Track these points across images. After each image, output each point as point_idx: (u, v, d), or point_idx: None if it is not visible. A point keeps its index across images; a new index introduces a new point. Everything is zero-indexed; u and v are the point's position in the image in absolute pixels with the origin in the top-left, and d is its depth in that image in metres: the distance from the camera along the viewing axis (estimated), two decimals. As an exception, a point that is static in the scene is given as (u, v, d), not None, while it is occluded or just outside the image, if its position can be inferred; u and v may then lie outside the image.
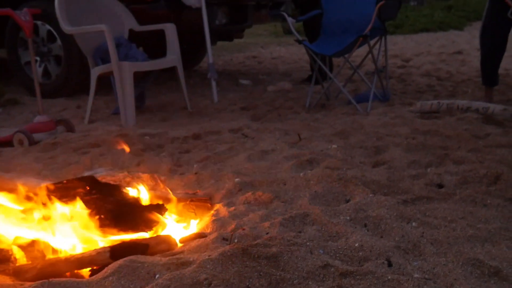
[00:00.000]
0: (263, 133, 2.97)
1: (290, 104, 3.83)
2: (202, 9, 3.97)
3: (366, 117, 3.27)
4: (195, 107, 3.86)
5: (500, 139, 2.62)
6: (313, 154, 2.44)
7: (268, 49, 8.11)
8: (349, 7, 3.80)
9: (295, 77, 5.19)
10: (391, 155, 2.44)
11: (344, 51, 3.59)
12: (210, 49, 4.08)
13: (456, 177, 2.11)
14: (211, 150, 2.67)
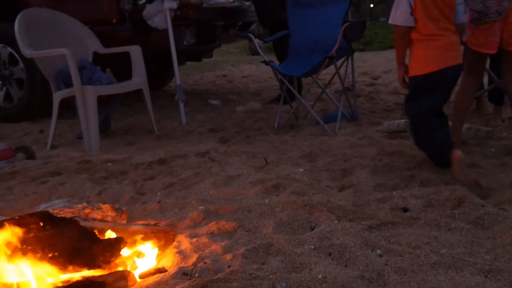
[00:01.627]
0: (230, 156, 2.93)
1: (259, 125, 3.81)
2: (169, 30, 3.93)
3: (334, 137, 3.27)
4: (162, 130, 3.80)
5: (465, 159, 2.63)
6: (280, 178, 2.41)
7: (239, 68, 8.12)
8: (315, 28, 3.81)
9: (265, 96, 5.19)
10: (358, 178, 2.43)
11: (311, 72, 3.60)
12: (177, 71, 4.04)
13: (421, 200, 2.10)
14: (176, 176, 2.62)
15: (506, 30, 2.55)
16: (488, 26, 2.54)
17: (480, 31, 2.58)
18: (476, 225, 1.89)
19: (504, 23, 2.54)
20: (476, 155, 2.72)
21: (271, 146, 3.12)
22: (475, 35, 2.61)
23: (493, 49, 2.60)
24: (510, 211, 1.96)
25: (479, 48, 2.63)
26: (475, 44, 2.63)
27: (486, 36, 2.57)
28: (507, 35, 2.56)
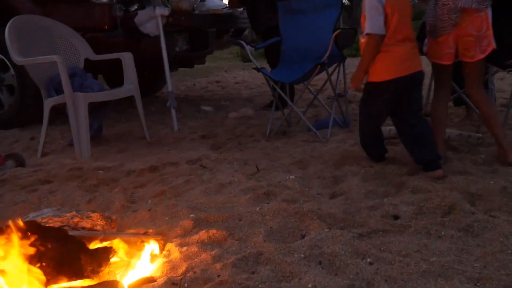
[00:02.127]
0: (222, 163, 2.93)
1: (251, 131, 3.81)
2: (160, 37, 3.92)
3: (325, 144, 3.27)
4: (154, 136, 3.79)
5: (455, 166, 2.65)
6: (271, 186, 2.41)
7: (232, 73, 8.12)
8: (307, 34, 3.82)
9: (257, 102, 5.19)
10: (349, 185, 2.44)
11: (303, 78, 3.61)
12: (169, 77, 4.03)
13: (412, 208, 2.11)
14: (167, 183, 2.61)
15: (460, 42, 2.61)
16: (444, 39, 2.61)
17: (436, 44, 2.65)
18: (466, 232, 1.89)
19: (458, 35, 2.59)
20: (467, 161, 2.74)
21: (263, 153, 3.12)
22: (433, 47, 2.68)
23: (449, 61, 2.66)
24: (499, 218, 1.97)
25: (437, 59, 2.69)
26: (433, 56, 2.71)
27: (442, 48, 2.64)
28: (462, 46, 2.62)
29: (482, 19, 2.56)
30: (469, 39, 2.58)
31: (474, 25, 2.55)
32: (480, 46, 2.60)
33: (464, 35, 2.58)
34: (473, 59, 2.63)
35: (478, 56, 2.62)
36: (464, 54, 2.64)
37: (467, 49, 2.61)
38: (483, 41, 2.59)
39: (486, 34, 2.58)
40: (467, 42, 2.60)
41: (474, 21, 2.54)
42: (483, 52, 2.61)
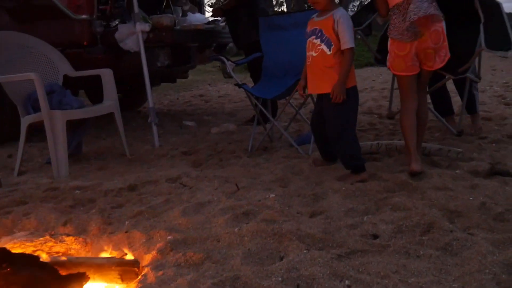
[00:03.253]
0: (202, 181, 2.90)
1: (233, 147, 3.79)
2: (141, 53, 3.90)
3: (307, 160, 3.26)
4: (134, 153, 3.75)
5: (435, 181, 2.65)
6: (250, 205, 2.39)
7: (216, 87, 8.11)
8: (288, 50, 3.82)
9: (240, 116, 5.18)
10: (329, 203, 2.42)
11: (284, 94, 3.60)
12: (150, 93, 4.00)
13: (391, 226, 2.10)
14: (145, 203, 2.57)
15: (421, 53, 2.77)
16: (406, 53, 2.75)
17: (400, 57, 2.79)
18: (445, 251, 1.88)
19: (419, 48, 2.75)
20: (446, 177, 2.73)
21: (244, 170, 3.09)
22: (396, 61, 2.81)
23: (414, 71, 2.82)
24: (478, 236, 1.96)
25: (402, 72, 2.83)
26: (397, 69, 2.84)
27: (406, 61, 2.78)
28: (423, 57, 2.78)
29: (439, 32, 2.74)
30: (429, 51, 2.76)
31: (432, 38, 2.73)
32: (439, 56, 2.79)
33: (425, 48, 2.75)
34: (432, 68, 2.84)
35: (437, 65, 2.82)
36: (425, 64, 2.83)
37: (427, 58, 2.79)
38: (441, 52, 2.78)
39: (443, 45, 2.78)
40: (427, 54, 2.77)
41: (432, 34, 2.72)
42: (442, 62, 2.81)
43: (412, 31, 2.70)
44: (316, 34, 2.82)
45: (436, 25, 2.73)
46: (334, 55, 2.75)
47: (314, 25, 2.87)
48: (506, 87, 6.87)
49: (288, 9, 25.14)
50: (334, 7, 2.82)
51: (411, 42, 2.74)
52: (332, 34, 2.74)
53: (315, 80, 2.90)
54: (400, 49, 2.77)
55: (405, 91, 2.90)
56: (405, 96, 2.90)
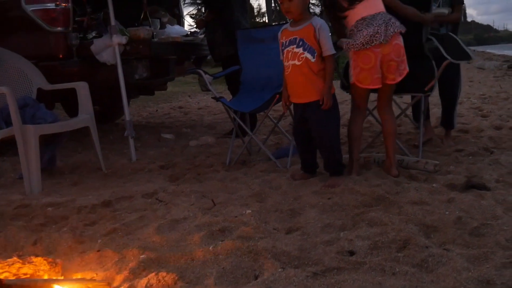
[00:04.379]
0: (179, 196, 2.85)
1: (211, 161, 3.75)
2: (117, 65, 3.85)
3: (285, 174, 3.24)
4: (111, 168, 3.68)
5: (412, 195, 2.65)
6: (226, 221, 2.35)
7: (196, 98, 8.08)
8: (266, 63, 3.81)
9: (219, 129, 5.15)
10: (306, 219, 2.40)
11: (262, 107, 3.59)
12: (126, 106, 3.95)
13: (368, 242, 2.08)
14: (119, 220, 2.51)
15: (384, 66, 2.89)
16: (372, 65, 2.86)
17: (364, 71, 2.89)
18: (420, 268, 1.87)
19: (383, 61, 2.87)
20: (423, 191, 2.74)
21: (221, 185, 3.06)
22: (362, 74, 2.91)
23: (378, 84, 2.94)
24: (453, 252, 1.96)
25: (368, 85, 2.94)
26: (363, 82, 2.94)
27: (372, 74, 2.89)
28: (386, 69, 2.90)
29: (400, 46, 2.89)
30: (392, 63, 2.88)
31: (395, 51, 2.86)
32: (399, 70, 2.91)
33: (388, 60, 2.87)
34: (394, 81, 2.94)
35: (397, 78, 2.93)
36: (387, 77, 2.93)
37: (389, 71, 2.90)
38: (401, 65, 2.92)
39: (404, 59, 2.92)
40: (390, 66, 2.89)
41: (395, 47, 2.86)
42: (401, 75, 2.93)
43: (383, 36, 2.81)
44: (297, 43, 2.88)
45: (398, 39, 2.88)
46: (318, 62, 2.85)
47: (292, 35, 2.92)
48: (483, 99, 6.99)
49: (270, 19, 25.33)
50: (308, 16, 2.92)
51: (375, 54, 2.84)
52: (314, 42, 2.83)
53: (300, 89, 2.95)
54: (366, 62, 2.87)
55: (359, 102, 3.08)
56: (358, 107, 3.09)
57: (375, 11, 2.90)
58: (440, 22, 3.88)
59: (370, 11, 2.90)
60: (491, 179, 2.96)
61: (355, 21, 2.90)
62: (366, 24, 2.86)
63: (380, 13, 2.89)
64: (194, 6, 22.99)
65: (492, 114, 5.47)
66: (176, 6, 5.59)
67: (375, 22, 2.84)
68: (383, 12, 2.91)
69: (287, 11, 2.89)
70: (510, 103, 6.32)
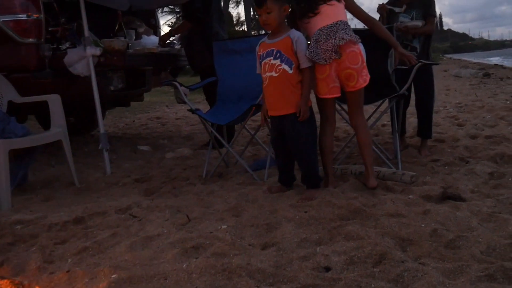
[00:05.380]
0: (153, 212, 2.80)
1: (187, 174, 3.70)
2: (92, 78, 3.78)
3: (262, 187, 3.20)
4: (84, 182, 3.60)
5: (389, 208, 2.64)
6: (201, 238, 2.31)
7: (173, 108, 8.01)
8: (243, 74, 3.80)
9: (197, 140, 5.10)
10: (282, 233, 2.37)
11: (239, 119, 3.56)
12: (101, 119, 3.87)
13: (344, 257, 2.06)
14: (91, 238, 2.44)
15: (341, 75, 2.91)
16: (327, 75, 2.89)
17: (320, 81, 2.93)
18: (396, 283, 1.86)
19: (338, 69, 2.89)
20: (399, 202, 2.73)
21: (197, 199, 3.01)
22: (319, 84, 2.94)
23: (337, 93, 2.97)
24: (429, 266, 1.95)
25: (325, 94, 2.97)
26: (321, 93, 2.97)
27: (328, 83, 2.92)
28: (344, 78, 2.92)
29: (356, 53, 2.88)
30: (348, 71, 2.90)
31: (350, 59, 2.87)
32: (361, 76, 2.92)
33: (343, 69, 2.89)
34: (355, 88, 2.94)
35: (360, 84, 2.94)
36: (348, 85, 2.95)
37: (349, 79, 2.92)
38: (363, 72, 2.92)
39: (363, 66, 2.92)
40: (348, 74, 2.91)
41: (349, 55, 2.86)
42: (365, 81, 2.94)
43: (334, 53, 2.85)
44: (274, 55, 2.88)
45: (353, 47, 2.88)
46: (295, 74, 2.86)
47: (269, 47, 2.92)
48: (459, 108, 7.08)
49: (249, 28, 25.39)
50: (286, 29, 2.92)
51: (330, 64, 2.87)
52: (291, 54, 2.84)
53: (277, 101, 2.94)
54: (321, 72, 2.91)
55: (325, 114, 3.08)
56: (325, 118, 3.09)
57: (334, 20, 2.89)
58: (414, 34, 3.94)
59: (329, 20, 2.90)
60: (466, 189, 2.98)
61: (316, 30, 2.91)
62: (326, 35, 2.86)
63: (339, 22, 2.89)
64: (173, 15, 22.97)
65: (468, 123, 5.54)
66: (153, 17, 5.54)
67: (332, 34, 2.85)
68: (342, 21, 2.91)
69: (265, 23, 2.88)
70: (485, 112, 6.41)
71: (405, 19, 3.98)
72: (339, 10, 2.96)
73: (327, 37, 2.84)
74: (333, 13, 2.93)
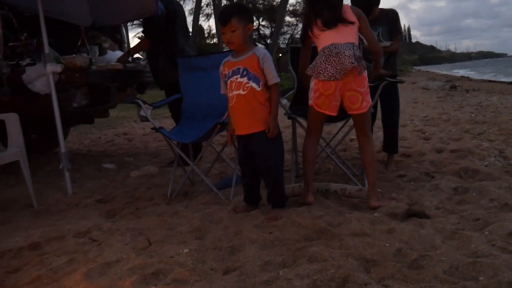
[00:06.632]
0: (113, 235, 2.70)
1: (152, 193, 3.61)
2: (52, 95, 3.67)
3: (227, 206, 3.15)
4: (44, 203, 3.47)
5: (354, 227, 2.62)
6: (161, 263, 2.23)
7: (141, 124, 7.89)
8: (208, 91, 3.74)
9: (163, 157, 5.01)
10: (245, 256, 2.31)
11: (203, 137, 3.50)
12: (62, 138, 3.75)
13: (307, 281, 2.01)
14: (46, 265, 2.34)
15: (345, 96, 2.94)
16: (331, 92, 2.91)
17: (324, 96, 2.94)
18: (358, 308, 1.82)
19: (343, 90, 2.91)
20: (365, 221, 2.71)
21: (160, 220, 2.93)
22: (321, 99, 2.96)
23: (334, 112, 2.99)
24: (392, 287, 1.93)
25: (324, 110, 2.99)
26: (320, 107, 2.98)
27: (330, 100, 2.94)
28: (347, 100, 2.95)
29: (363, 77, 2.93)
30: (353, 93, 2.92)
31: (357, 82, 2.90)
32: (365, 100, 2.96)
33: (349, 89, 2.91)
34: (358, 111, 2.97)
35: (363, 108, 2.97)
36: (350, 107, 2.97)
37: (352, 102, 2.95)
38: (367, 96, 2.97)
39: (367, 91, 2.97)
40: (352, 96, 2.93)
41: (357, 78, 2.90)
42: (366, 106, 2.97)
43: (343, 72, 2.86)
44: (241, 73, 2.85)
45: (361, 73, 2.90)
46: (263, 91, 2.84)
47: (235, 65, 2.88)
48: (425, 121, 7.18)
49: (220, 40, 25.44)
50: (250, 47, 2.91)
51: (336, 83, 2.88)
52: (258, 71, 2.82)
53: (244, 119, 2.90)
54: (326, 88, 2.92)
55: (314, 125, 3.10)
56: (313, 129, 3.11)
57: (347, 41, 2.90)
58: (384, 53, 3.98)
59: (340, 39, 2.90)
60: (431, 205, 2.99)
61: (325, 45, 2.92)
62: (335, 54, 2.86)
63: (348, 43, 2.89)
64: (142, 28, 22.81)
65: (434, 136, 5.61)
66: (118, 32, 5.46)
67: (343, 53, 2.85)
68: (354, 44, 2.91)
69: (229, 41, 2.85)
70: (451, 125, 6.52)
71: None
72: (353, 31, 2.97)
73: (337, 55, 2.85)
74: (347, 33, 2.94)
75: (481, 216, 2.68)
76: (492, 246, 2.27)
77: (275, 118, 2.86)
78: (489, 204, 2.94)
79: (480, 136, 5.43)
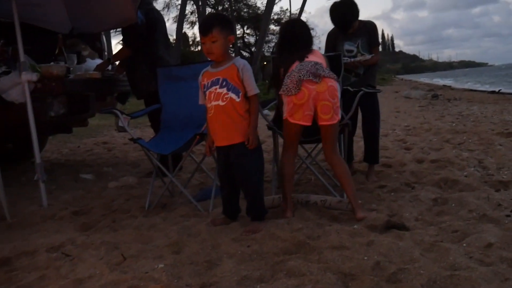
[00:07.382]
0: (88, 249, 2.63)
1: (130, 205, 3.54)
2: (27, 105, 3.59)
3: (206, 219, 3.09)
4: (17, 215, 3.38)
5: (333, 240, 2.59)
6: (135, 279, 2.17)
7: (122, 132, 7.78)
8: (188, 102, 3.70)
9: (143, 167, 4.94)
10: (222, 271, 2.27)
11: (183, 148, 3.45)
12: (37, 148, 3.67)
13: (284, 297, 1.98)
14: (15, 282, 2.26)
15: (318, 105, 2.91)
16: (304, 102, 2.88)
17: (297, 106, 2.91)
18: (335, 325, 1.79)
19: (316, 99, 2.89)
20: (344, 233, 2.69)
21: (137, 233, 2.86)
22: (294, 109, 2.93)
23: (308, 122, 2.95)
24: (370, 304, 1.90)
25: (298, 121, 2.95)
26: (294, 118, 2.95)
27: (304, 110, 2.91)
28: (320, 109, 2.92)
29: (334, 89, 2.92)
30: (326, 103, 2.90)
31: (329, 92, 2.90)
32: (336, 113, 2.95)
33: (322, 99, 2.89)
34: (330, 121, 2.94)
35: (334, 120, 2.95)
36: (321, 117, 2.94)
37: (324, 112, 2.92)
38: (338, 110, 2.96)
39: (338, 105, 2.96)
40: (324, 106, 2.91)
41: (330, 89, 2.90)
42: (336, 119, 2.96)
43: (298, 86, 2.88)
44: (220, 83, 2.82)
45: (333, 82, 2.92)
46: (242, 102, 2.81)
47: (214, 76, 2.85)
48: (407, 131, 7.22)
49: (204, 49, 25.43)
50: (230, 57, 2.88)
51: (309, 91, 2.87)
52: (238, 82, 2.79)
53: (224, 130, 2.86)
54: (299, 97, 2.89)
55: (290, 139, 3.07)
56: (289, 144, 3.09)
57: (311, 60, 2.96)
58: (364, 65, 4.01)
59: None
60: (411, 217, 2.98)
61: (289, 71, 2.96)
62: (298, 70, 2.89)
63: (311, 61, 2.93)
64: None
65: (415, 146, 5.64)
66: (98, 40, 5.38)
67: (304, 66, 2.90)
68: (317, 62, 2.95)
69: (209, 52, 2.81)
70: (432, 135, 6.57)
71: (350, 47, 4.03)
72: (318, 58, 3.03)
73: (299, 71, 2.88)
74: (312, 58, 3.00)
75: (460, 228, 2.68)
76: (469, 259, 2.26)
77: (255, 129, 2.83)
78: (468, 215, 2.95)
79: (460, 146, 5.47)
